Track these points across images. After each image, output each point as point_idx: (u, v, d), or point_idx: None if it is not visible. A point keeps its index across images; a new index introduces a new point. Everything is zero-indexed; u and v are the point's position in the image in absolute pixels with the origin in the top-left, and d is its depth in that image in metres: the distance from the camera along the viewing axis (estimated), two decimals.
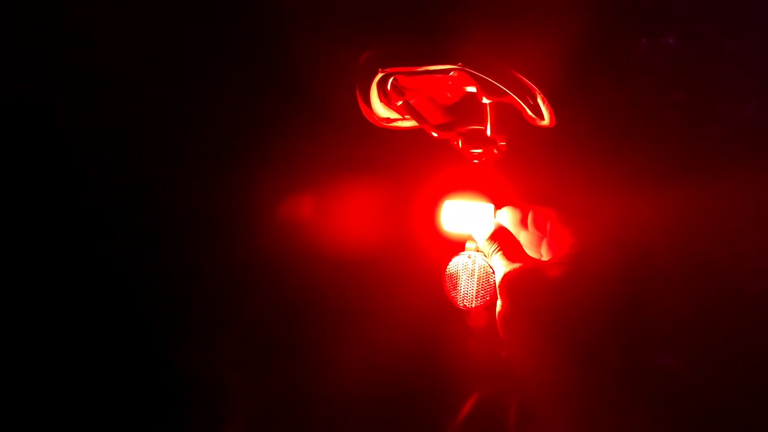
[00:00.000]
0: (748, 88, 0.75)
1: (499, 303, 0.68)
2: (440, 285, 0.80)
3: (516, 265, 0.67)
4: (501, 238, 0.72)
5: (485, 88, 0.64)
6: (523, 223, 0.76)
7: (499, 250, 0.71)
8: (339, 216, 0.88)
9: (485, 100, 0.66)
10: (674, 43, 0.78)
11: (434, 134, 0.78)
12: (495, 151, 0.77)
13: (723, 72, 0.75)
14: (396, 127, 0.81)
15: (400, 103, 0.72)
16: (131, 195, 0.98)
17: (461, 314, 0.83)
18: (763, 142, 0.71)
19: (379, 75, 0.69)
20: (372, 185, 0.85)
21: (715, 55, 0.76)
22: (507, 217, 0.76)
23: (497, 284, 0.69)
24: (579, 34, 0.70)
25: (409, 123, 0.81)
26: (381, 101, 0.74)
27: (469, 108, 0.76)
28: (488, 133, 0.73)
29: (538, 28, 0.68)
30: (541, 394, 0.66)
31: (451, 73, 0.65)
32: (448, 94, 0.76)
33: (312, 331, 0.91)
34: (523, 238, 0.76)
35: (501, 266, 0.69)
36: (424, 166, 0.82)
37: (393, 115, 0.79)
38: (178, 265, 0.98)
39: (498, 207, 0.78)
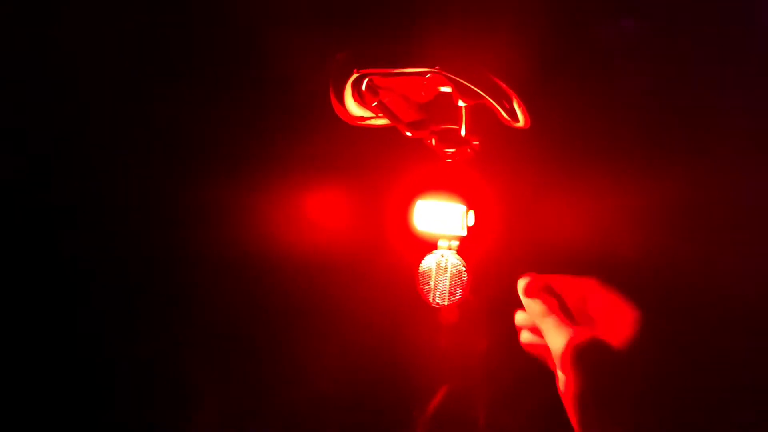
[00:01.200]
0: (721, 77, 0.77)
1: (562, 377, 0.60)
2: (413, 283, 0.80)
3: (584, 335, 0.58)
4: (551, 301, 0.63)
5: (462, 91, 0.64)
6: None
7: (552, 314, 0.62)
8: (311, 214, 0.87)
9: (461, 103, 0.66)
10: (641, 29, 0.79)
11: (408, 133, 0.78)
12: (468, 150, 0.78)
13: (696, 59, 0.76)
14: (369, 125, 0.81)
15: (375, 103, 0.72)
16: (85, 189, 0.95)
17: (433, 312, 0.84)
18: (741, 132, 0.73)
19: (355, 75, 0.68)
20: (345, 184, 0.85)
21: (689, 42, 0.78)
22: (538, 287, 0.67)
23: (558, 354, 0.59)
24: (550, 32, 0.70)
25: (382, 121, 0.80)
26: (355, 100, 0.73)
27: (442, 107, 0.76)
28: (462, 133, 0.74)
29: (510, 27, 0.68)
30: None
31: (427, 76, 0.65)
32: (423, 93, 0.76)
33: (281, 330, 0.90)
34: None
35: (563, 334, 0.59)
36: (397, 165, 0.81)
37: (366, 113, 0.78)
38: (138, 256, 0.96)
39: (471, 206, 0.79)
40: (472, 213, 0.79)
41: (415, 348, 0.89)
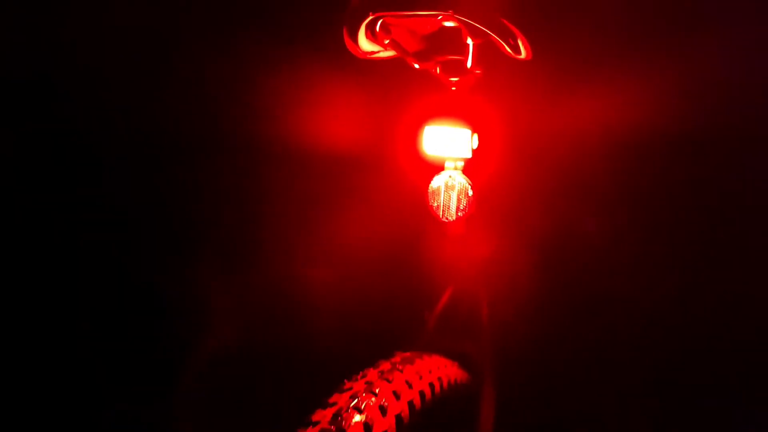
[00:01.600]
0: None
1: None
2: (424, 200, 0.90)
3: None
4: None
5: (472, 32, 0.71)
6: None
7: None
8: (327, 142, 0.94)
9: (470, 41, 0.73)
10: None
11: (416, 65, 0.84)
12: (471, 78, 0.85)
13: None
14: (378, 57, 0.86)
15: (388, 41, 0.77)
16: None
17: (442, 225, 0.94)
18: None
19: (370, 17, 0.73)
20: (358, 113, 0.91)
21: None
22: None
23: None
24: None
25: (389, 53, 0.86)
26: (368, 38, 0.79)
27: (446, 39, 0.82)
28: (468, 65, 0.80)
29: None
30: None
31: (439, 18, 0.71)
32: (429, 27, 0.82)
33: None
34: None
35: None
36: (406, 94, 0.88)
37: (376, 48, 0.84)
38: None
39: (475, 130, 0.87)
40: (476, 136, 0.87)
41: (425, 257, 1.00)
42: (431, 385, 0.81)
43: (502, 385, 0.99)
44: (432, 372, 0.83)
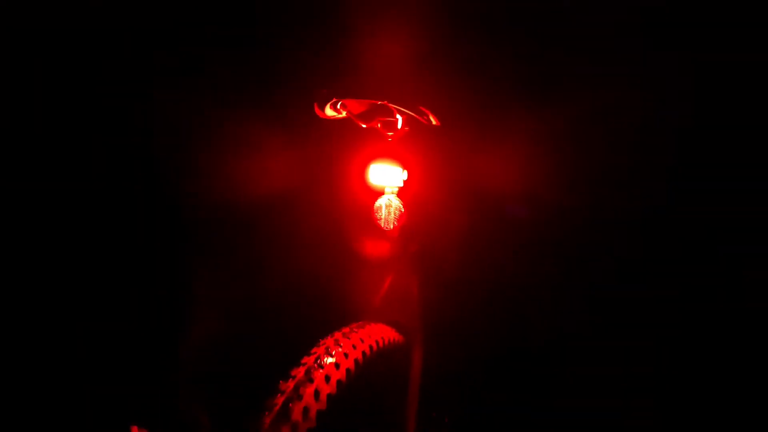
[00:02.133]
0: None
1: None
2: (370, 215, 1.30)
3: None
4: None
5: (399, 112, 1.11)
6: None
7: None
8: (298, 181, 1.34)
9: (398, 116, 1.13)
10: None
11: (363, 125, 1.24)
12: (401, 133, 1.25)
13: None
14: (335, 118, 1.26)
15: (345, 112, 1.17)
16: None
17: (383, 232, 1.34)
18: None
19: (333, 99, 1.13)
20: (320, 157, 1.31)
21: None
22: None
23: None
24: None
25: (343, 115, 1.25)
26: (331, 110, 1.18)
27: (384, 110, 1.22)
28: (399, 126, 1.21)
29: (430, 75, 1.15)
30: None
31: (379, 104, 1.11)
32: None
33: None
34: None
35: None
36: (356, 144, 1.28)
37: (335, 114, 1.23)
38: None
39: (405, 167, 1.27)
40: (405, 171, 1.28)
41: (372, 254, 1.40)
42: (371, 346, 1.19)
43: (427, 343, 1.40)
44: (372, 336, 1.22)
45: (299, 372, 1.04)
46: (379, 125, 1.25)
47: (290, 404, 0.94)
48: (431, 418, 1.50)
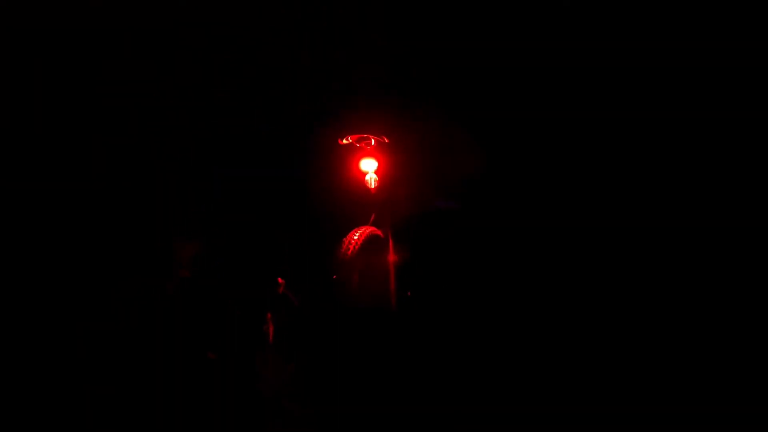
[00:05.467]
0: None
1: None
2: (363, 183, 3.04)
3: None
4: None
5: (373, 138, 2.88)
6: None
7: None
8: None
9: (372, 140, 2.90)
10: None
11: (357, 144, 2.99)
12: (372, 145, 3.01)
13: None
14: (346, 142, 3.00)
15: (348, 140, 2.93)
16: None
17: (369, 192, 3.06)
18: None
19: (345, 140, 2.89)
20: (330, 165, 3.06)
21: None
22: None
23: None
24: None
25: (348, 142, 3.00)
26: (345, 140, 2.94)
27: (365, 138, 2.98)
28: (372, 143, 2.97)
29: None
30: None
31: (364, 136, 2.87)
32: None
33: None
34: None
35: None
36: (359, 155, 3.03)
37: (345, 141, 2.98)
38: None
39: (376, 161, 3.02)
40: (376, 162, 3.03)
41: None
42: (371, 233, 2.92)
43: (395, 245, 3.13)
44: (370, 230, 2.95)
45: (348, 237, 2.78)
46: (363, 144, 3.00)
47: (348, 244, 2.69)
48: (402, 292, 3.21)
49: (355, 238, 2.73)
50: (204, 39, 2.91)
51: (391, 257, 3.13)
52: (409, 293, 3.14)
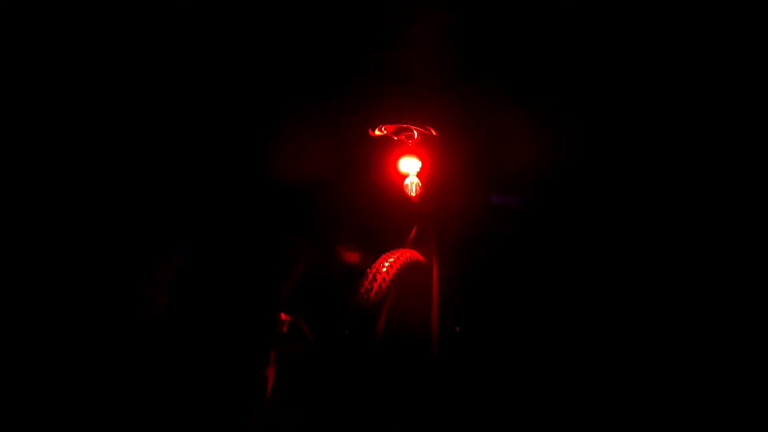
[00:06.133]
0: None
1: None
2: (402, 189, 2.27)
3: None
4: None
5: (415, 129, 2.09)
6: None
7: None
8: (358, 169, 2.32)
9: (414, 131, 2.12)
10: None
11: (395, 138, 2.22)
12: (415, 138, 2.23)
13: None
14: (381, 135, 2.23)
15: (384, 132, 2.16)
16: None
17: (410, 200, 2.30)
18: None
19: (378, 126, 2.11)
20: (370, 156, 2.29)
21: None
22: None
23: None
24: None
25: (384, 133, 2.23)
26: (378, 131, 2.17)
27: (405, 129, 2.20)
28: (415, 137, 2.19)
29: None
30: None
31: (403, 126, 2.09)
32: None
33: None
34: None
35: None
36: (393, 148, 2.26)
37: (379, 133, 2.21)
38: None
39: (421, 159, 2.24)
40: (420, 162, 2.25)
41: (403, 218, 2.37)
42: (406, 262, 2.16)
43: (440, 268, 2.36)
44: (406, 255, 2.19)
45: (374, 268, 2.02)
46: (403, 137, 2.23)
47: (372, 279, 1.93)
48: (447, 326, 2.45)
49: (385, 268, 1.95)
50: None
51: (435, 283, 2.38)
52: (457, 328, 2.39)
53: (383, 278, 1.90)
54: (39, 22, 2.13)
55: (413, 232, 2.38)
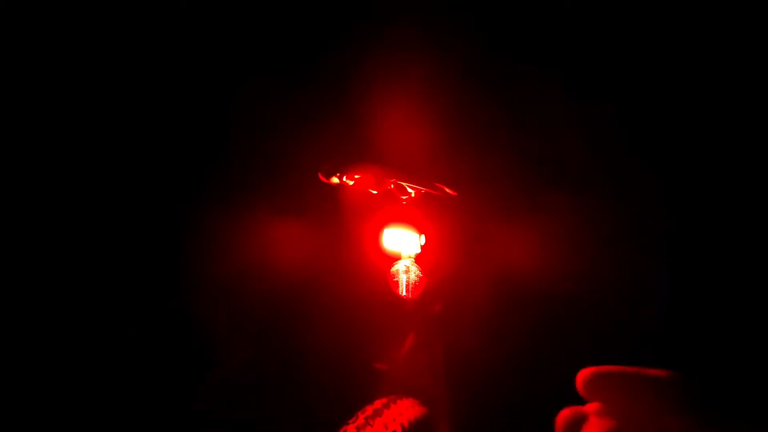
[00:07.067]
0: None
1: None
2: (387, 282, 1.20)
3: None
4: None
5: (409, 186, 1.01)
6: None
7: None
8: (314, 245, 1.24)
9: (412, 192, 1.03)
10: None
11: (373, 191, 1.13)
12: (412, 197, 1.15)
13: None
14: (342, 183, 1.16)
15: (353, 181, 1.07)
16: None
17: (400, 301, 1.24)
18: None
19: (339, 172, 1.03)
20: (336, 222, 1.21)
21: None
22: None
23: None
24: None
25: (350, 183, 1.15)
26: (337, 178, 1.08)
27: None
28: (412, 195, 1.10)
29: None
30: None
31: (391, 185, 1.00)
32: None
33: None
34: None
35: None
36: (369, 208, 1.18)
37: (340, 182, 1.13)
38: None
39: (421, 232, 1.16)
40: (423, 236, 1.17)
41: (392, 320, 1.30)
42: (401, 425, 1.11)
43: (452, 415, 1.30)
44: (402, 414, 1.13)
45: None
46: (392, 186, 1.15)
47: None
48: None
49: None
50: None
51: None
52: None
53: None
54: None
55: (406, 346, 1.32)
